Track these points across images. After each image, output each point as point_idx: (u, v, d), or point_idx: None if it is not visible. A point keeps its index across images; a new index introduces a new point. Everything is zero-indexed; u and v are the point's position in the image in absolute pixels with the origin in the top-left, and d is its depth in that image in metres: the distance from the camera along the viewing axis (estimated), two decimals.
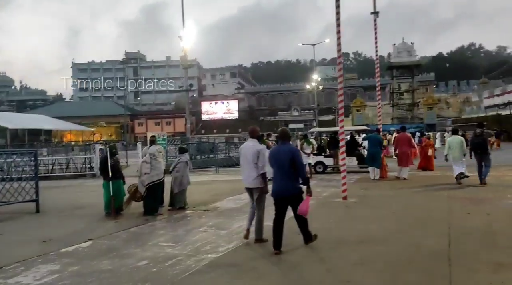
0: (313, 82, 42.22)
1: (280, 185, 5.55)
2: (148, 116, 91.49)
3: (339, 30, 9.40)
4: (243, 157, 6.15)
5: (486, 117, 54.84)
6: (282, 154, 5.57)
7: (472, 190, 10.33)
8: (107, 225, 7.91)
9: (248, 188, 6.16)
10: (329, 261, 5.07)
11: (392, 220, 7.27)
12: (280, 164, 5.55)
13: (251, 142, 6.24)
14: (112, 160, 8.93)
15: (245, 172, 6.09)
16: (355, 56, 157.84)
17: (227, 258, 5.38)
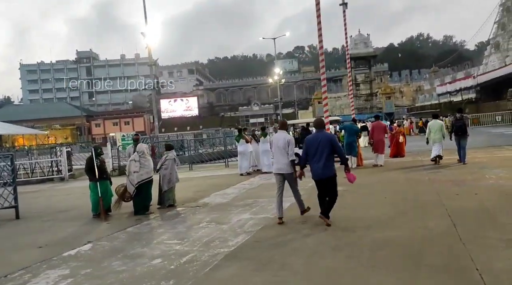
0: (275, 75, 42.44)
1: (319, 168, 6.31)
2: (105, 117, 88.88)
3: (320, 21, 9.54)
4: (275, 146, 6.83)
5: (439, 104, 57.47)
6: (321, 141, 6.31)
7: (450, 172, 10.79)
8: (99, 227, 7.66)
9: (279, 174, 6.82)
10: (345, 248, 5.15)
11: (387, 205, 7.47)
12: (319, 150, 6.28)
13: (281, 133, 6.96)
14: (98, 160, 8.63)
15: (277, 159, 6.80)
16: (311, 49, 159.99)
17: (241, 252, 5.35)
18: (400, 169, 12.50)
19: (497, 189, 8.08)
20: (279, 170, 6.80)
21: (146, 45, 23.22)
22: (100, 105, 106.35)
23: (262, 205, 8.39)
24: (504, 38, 52.67)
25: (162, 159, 9.14)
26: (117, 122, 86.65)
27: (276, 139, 6.96)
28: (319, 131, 6.61)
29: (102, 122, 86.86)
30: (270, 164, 14.42)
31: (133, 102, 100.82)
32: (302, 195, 7.18)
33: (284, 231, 6.23)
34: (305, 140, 6.72)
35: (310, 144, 6.45)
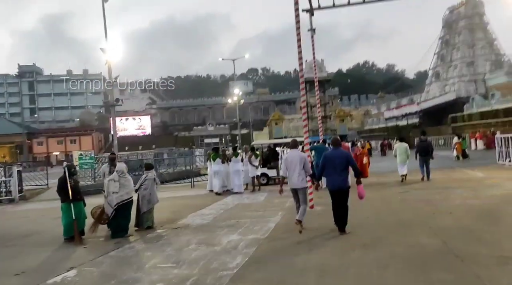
0: (234, 96, 42.66)
1: (336, 180, 6.99)
2: (49, 134, 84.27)
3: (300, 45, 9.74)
4: (290, 163, 7.39)
5: (387, 128, 60.28)
6: (338, 157, 7.06)
7: (418, 192, 11.21)
8: (76, 251, 7.15)
9: (294, 189, 7.47)
10: (352, 267, 5.14)
11: (373, 225, 7.59)
12: (336, 165, 6.97)
13: (294, 151, 7.69)
14: (72, 180, 8.13)
15: (293, 175, 7.34)
16: (264, 71, 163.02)
17: (246, 273, 5.19)
18: (370, 189, 12.78)
19: (469, 209, 8.43)
20: (295, 185, 7.42)
21: (105, 61, 22.52)
22: (43, 122, 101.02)
23: (246, 226, 8.24)
24: (444, 68, 56.59)
25: (142, 179, 8.79)
26: (62, 141, 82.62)
27: (290, 157, 7.53)
28: (336, 148, 7.40)
29: (45, 140, 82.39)
30: (241, 184, 14.36)
31: (80, 120, 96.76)
32: (281, 215, 8.45)
33: (282, 250, 6.15)
34: (323, 156, 7.48)
35: (329, 159, 7.16)
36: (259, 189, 14.58)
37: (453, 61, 54.71)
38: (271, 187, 15.51)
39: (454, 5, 55.83)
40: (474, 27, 53.53)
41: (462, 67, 52.02)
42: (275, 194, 13.27)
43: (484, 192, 10.20)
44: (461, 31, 54.16)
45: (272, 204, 11.14)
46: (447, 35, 57.27)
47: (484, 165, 17.26)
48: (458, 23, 54.92)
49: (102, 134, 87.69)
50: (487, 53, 52.06)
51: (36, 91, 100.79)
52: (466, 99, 45.93)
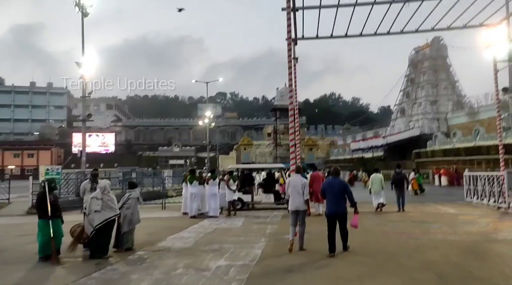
0: (206, 118, 42.48)
1: (334, 206, 7.68)
2: (5, 147, 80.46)
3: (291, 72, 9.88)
4: (292, 188, 8.00)
5: (353, 159, 61.61)
6: (336, 185, 7.78)
7: (397, 225, 11.27)
8: (55, 271, 6.72)
9: (294, 211, 8.01)
10: None
11: (361, 255, 7.50)
12: (334, 192, 7.69)
13: (297, 176, 8.30)
14: (51, 196, 7.71)
15: (294, 199, 7.96)
16: (232, 96, 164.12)
17: None
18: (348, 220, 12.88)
19: (452, 244, 8.45)
20: (296, 207, 7.97)
21: (80, 76, 22.01)
22: (0, 134, 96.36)
23: (232, 251, 8.03)
24: (409, 105, 58.95)
25: (125, 198, 8.44)
26: (19, 154, 79.14)
27: (293, 181, 8.13)
28: (335, 177, 8.07)
29: (0, 153, 78.53)
30: (217, 207, 14.10)
31: (40, 134, 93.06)
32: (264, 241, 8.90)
33: (275, 278, 6.01)
34: (323, 184, 8.41)
35: (328, 187, 7.89)
36: (234, 214, 14.37)
37: (417, 99, 57.18)
38: (246, 212, 15.35)
39: (420, 46, 58.83)
40: (437, 68, 56.45)
41: (426, 105, 54.42)
42: (251, 220, 13.17)
43: (461, 228, 10.40)
44: (425, 71, 56.94)
45: (251, 230, 10.95)
46: (412, 74, 60.01)
47: (452, 201, 17.81)
48: (423, 63, 57.76)
49: (62, 150, 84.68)
50: (449, 94, 54.83)
51: None
52: (429, 136, 47.82)
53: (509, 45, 15.30)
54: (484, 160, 34.21)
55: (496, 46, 14.85)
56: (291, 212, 8.08)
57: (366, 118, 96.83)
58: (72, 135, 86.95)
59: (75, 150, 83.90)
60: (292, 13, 13.08)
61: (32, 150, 79.10)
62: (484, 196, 15.42)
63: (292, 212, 8.06)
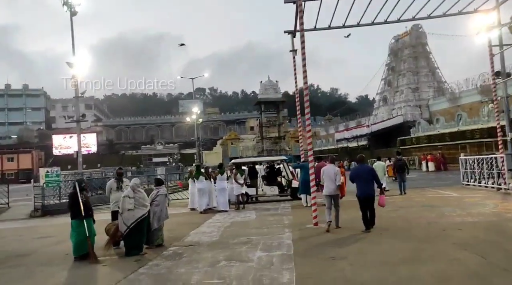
0: (193, 114, 42.28)
1: (364, 190, 8.75)
2: None
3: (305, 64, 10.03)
4: (326, 175, 9.26)
5: (337, 149, 62.41)
6: (364, 171, 8.98)
7: (409, 211, 11.48)
8: (100, 270, 6.76)
9: (329, 196, 9.19)
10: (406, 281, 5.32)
11: (393, 240, 7.77)
12: (363, 177, 8.80)
13: (330, 165, 9.56)
14: (83, 195, 7.71)
15: (328, 185, 9.21)
16: (211, 91, 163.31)
17: None
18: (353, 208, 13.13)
19: (474, 226, 8.66)
20: (330, 192, 9.19)
21: (72, 76, 21.64)
22: None
23: (263, 242, 8.15)
24: (391, 93, 60.05)
25: (153, 195, 8.49)
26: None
27: (327, 170, 9.32)
28: (362, 164, 9.42)
29: None
30: (227, 202, 14.20)
31: (18, 137, 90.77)
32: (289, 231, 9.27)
33: (323, 265, 6.18)
34: (352, 170, 9.77)
35: (356, 172, 9.10)
36: (243, 207, 14.51)
37: (399, 87, 58.24)
38: (253, 205, 15.50)
39: (399, 34, 59.85)
40: (417, 56, 57.61)
41: (407, 93, 55.51)
42: (262, 212, 13.33)
43: (473, 210, 10.70)
44: (406, 59, 58.03)
45: (269, 222, 11.10)
46: (393, 62, 61.03)
47: (449, 185, 18.34)
48: (403, 51, 58.82)
49: (42, 152, 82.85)
50: (430, 80, 56.08)
51: None
52: (412, 123, 48.85)
53: (500, 31, 15.84)
54: (468, 144, 35.27)
55: (490, 32, 15.27)
56: (326, 196, 9.25)
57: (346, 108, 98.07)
58: (52, 137, 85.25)
59: (56, 152, 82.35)
60: (294, 5, 13.14)
61: (12, 153, 77.11)
62: (482, 178, 15.98)
63: (327, 197, 9.23)
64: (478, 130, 34.10)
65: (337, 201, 9.28)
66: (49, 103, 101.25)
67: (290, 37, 16.46)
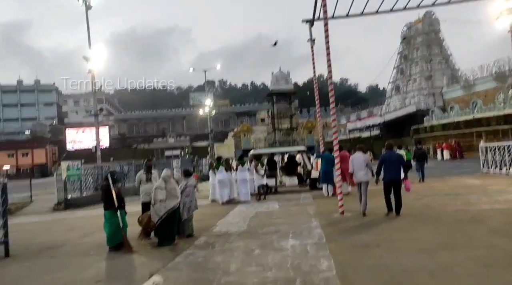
0: (206, 107, 42.37)
1: (392, 173, 9.10)
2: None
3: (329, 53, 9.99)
4: (355, 164, 9.60)
5: (349, 139, 62.09)
6: (393, 157, 9.31)
7: (435, 199, 11.39)
8: (137, 259, 6.89)
9: (358, 183, 9.66)
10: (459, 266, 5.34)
11: (424, 227, 7.77)
12: (392, 162, 9.14)
13: (359, 153, 9.84)
14: (116, 187, 7.82)
15: (357, 172, 9.56)
16: (221, 84, 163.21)
17: (350, 275, 5.23)
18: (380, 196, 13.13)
19: (503, 212, 8.57)
20: (360, 179, 9.60)
21: (88, 70, 21.80)
22: None
23: (293, 231, 8.20)
24: (403, 82, 59.42)
25: (182, 186, 8.57)
26: (13, 154, 78.06)
27: (356, 158, 9.71)
28: (391, 150, 9.62)
29: None
30: (248, 193, 14.27)
31: (31, 132, 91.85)
32: (316, 220, 9.30)
33: (359, 252, 6.22)
34: (382, 156, 9.71)
35: (386, 158, 9.29)
36: (264, 198, 14.57)
37: (412, 75, 57.60)
38: (273, 196, 15.53)
39: (411, 21, 59.05)
40: (430, 43, 56.84)
41: (421, 81, 54.90)
42: (285, 203, 13.35)
43: (499, 197, 10.64)
44: (418, 46, 57.30)
45: (293, 212, 11.16)
46: (405, 50, 60.33)
47: (469, 173, 18.21)
48: (416, 39, 58.06)
49: (56, 147, 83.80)
50: (443, 68, 55.35)
51: None
52: (425, 112, 48.37)
53: None
54: (484, 132, 34.86)
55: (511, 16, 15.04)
56: (356, 183, 9.81)
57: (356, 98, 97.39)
58: (65, 132, 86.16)
59: (69, 146, 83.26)
60: None
61: (26, 149, 78.07)
62: (504, 166, 15.83)
63: (357, 184, 9.76)
64: (494, 117, 33.66)
65: (365, 188, 9.53)
66: (61, 98, 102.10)
67: (308, 26, 16.41)
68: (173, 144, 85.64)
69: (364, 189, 9.54)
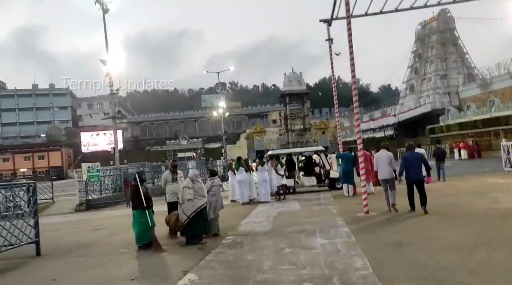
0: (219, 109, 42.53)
1: (414, 173, 9.25)
2: (16, 151, 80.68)
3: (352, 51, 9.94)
4: (380, 161, 9.95)
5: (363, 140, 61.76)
6: (415, 157, 9.48)
7: (459, 198, 11.25)
8: (168, 258, 6.94)
9: (383, 180, 9.96)
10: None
11: (456, 226, 7.66)
12: (413, 162, 9.31)
13: (383, 151, 10.12)
14: (144, 187, 7.87)
15: (382, 169, 9.91)
16: (232, 85, 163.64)
17: (386, 273, 5.18)
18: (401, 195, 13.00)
19: None
20: (384, 177, 9.90)
21: (106, 73, 22.06)
22: (7, 138, 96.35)
23: (320, 230, 8.16)
24: (418, 81, 58.89)
25: (208, 185, 8.60)
26: (29, 157, 79.22)
27: (381, 156, 10.00)
28: (411, 150, 9.80)
29: (11, 156, 78.72)
30: (268, 193, 14.24)
31: (47, 135, 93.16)
32: (342, 219, 9.26)
33: (391, 250, 6.16)
34: (403, 157, 9.73)
35: (408, 159, 9.44)
36: (284, 198, 14.55)
37: (426, 74, 57.03)
38: (292, 196, 15.50)
39: (425, 20, 58.52)
40: (445, 42, 56.23)
41: (436, 80, 54.34)
42: (305, 202, 13.30)
43: None
44: (433, 45, 56.72)
45: (316, 211, 11.11)
46: (420, 49, 59.78)
47: (491, 172, 17.95)
48: (430, 38, 57.49)
49: (71, 150, 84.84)
50: (459, 67, 54.74)
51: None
52: (441, 111, 47.84)
53: None
54: (502, 130, 34.34)
55: None
56: (382, 180, 10.06)
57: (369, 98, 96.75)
58: (80, 134, 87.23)
59: (84, 149, 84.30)
60: None
61: (42, 152, 79.24)
62: None
63: (382, 181, 10.04)
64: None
65: (392, 184, 9.78)
66: (74, 101, 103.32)
67: (326, 26, 16.35)
68: (185, 146, 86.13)
69: (390, 185, 9.77)
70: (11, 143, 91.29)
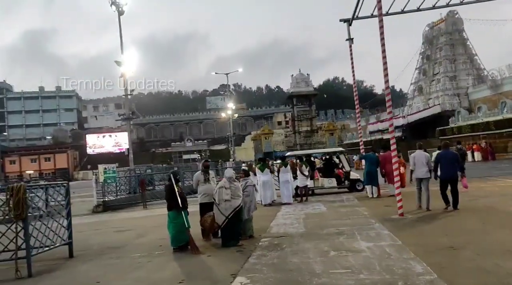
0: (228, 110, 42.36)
1: (448, 172, 9.58)
2: (22, 153, 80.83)
3: (384, 49, 9.71)
4: (417, 161, 10.06)
5: (371, 141, 61.34)
6: (449, 155, 9.74)
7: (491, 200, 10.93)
8: (209, 260, 6.74)
9: (419, 179, 10.10)
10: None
11: (502, 228, 7.41)
12: (448, 161, 9.58)
13: (420, 151, 10.24)
14: (178, 187, 7.66)
15: (419, 169, 10.01)
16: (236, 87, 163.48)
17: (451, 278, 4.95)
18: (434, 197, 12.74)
19: None
20: (421, 176, 10.03)
21: (120, 74, 21.91)
22: (13, 140, 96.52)
23: (358, 233, 7.90)
24: (426, 83, 58.52)
25: (242, 185, 8.37)
26: (35, 159, 79.42)
27: (418, 156, 10.15)
28: (446, 150, 10.00)
29: (18, 158, 78.86)
30: (291, 194, 14.00)
31: (53, 137, 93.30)
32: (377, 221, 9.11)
33: (444, 253, 5.92)
34: (437, 155, 10.22)
35: (443, 157, 9.71)
36: (306, 200, 14.31)
37: (435, 76, 56.71)
38: (313, 197, 15.23)
39: (433, 21, 58.19)
40: (454, 43, 55.89)
41: (445, 81, 54.00)
42: (330, 204, 13.04)
43: None
44: (442, 46, 56.38)
45: (345, 213, 10.83)
46: (428, 51, 59.46)
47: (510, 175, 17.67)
48: (438, 39, 57.18)
49: (77, 152, 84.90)
50: (468, 68, 54.39)
51: (6, 109, 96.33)
52: (450, 112, 47.47)
53: None
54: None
55: None
56: (417, 179, 10.21)
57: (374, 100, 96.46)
58: (85, 136, 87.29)
59: (90, 151, 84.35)
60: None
61: (48, 154, 79.43)
62: None
63: (418, 179, 10.19)
64: None
65: (427, 184, 9.95)
66: (80, 104, 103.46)
67: (346, 26, 16.16)
68: (190, 148, 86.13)
69: (426, 185, 9.97)
70: (18, 145, 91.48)
